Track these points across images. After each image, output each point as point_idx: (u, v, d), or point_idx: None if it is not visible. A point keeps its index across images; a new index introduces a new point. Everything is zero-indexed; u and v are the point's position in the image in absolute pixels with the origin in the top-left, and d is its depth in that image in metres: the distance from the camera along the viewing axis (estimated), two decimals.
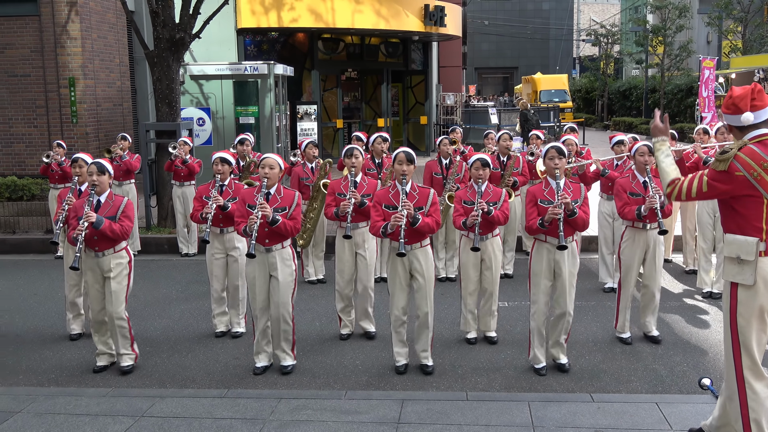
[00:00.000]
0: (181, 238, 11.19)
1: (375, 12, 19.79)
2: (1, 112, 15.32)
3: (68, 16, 14.84)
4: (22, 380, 6.42)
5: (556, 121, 27.64)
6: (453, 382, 6.18)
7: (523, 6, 64.02)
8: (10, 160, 15.39)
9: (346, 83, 23.14)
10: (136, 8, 17.15)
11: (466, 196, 6.82)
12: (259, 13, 18.70)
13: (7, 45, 15.07)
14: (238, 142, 10.19)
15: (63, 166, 10.90)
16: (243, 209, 6.23)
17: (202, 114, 15.96)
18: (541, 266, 6.21)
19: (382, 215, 6.15)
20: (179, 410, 5.40)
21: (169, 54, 12.05)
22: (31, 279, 10.04)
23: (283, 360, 6.44)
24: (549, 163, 6.19)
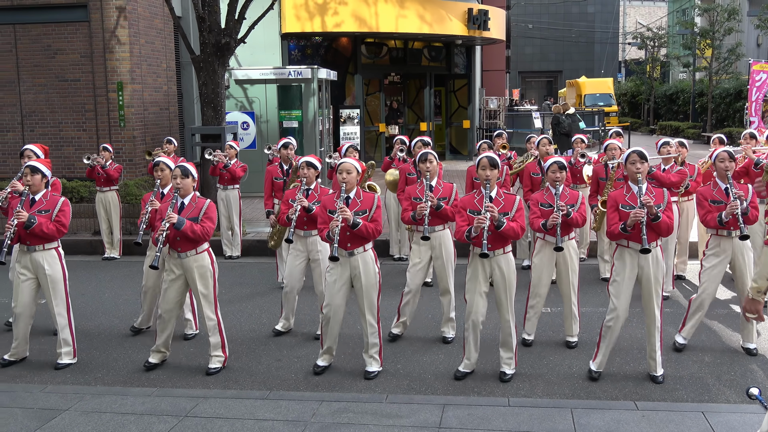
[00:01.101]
0: (225, 240, 11.32)
1: (418, 16, 19.80)
2: (52, 116, 15.67)
3: (117, 21, 15.13)
4: (70, 379, 6.55)
5: (601, 125, 27.33)
6: (495, 387, 6.15)
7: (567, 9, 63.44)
8: (60, 162, 15.72)
9: (389, 87, 23.18)
10: (183, 14, 17.41)
11: (544, 199, 6.84)
12: (303, 18, 18.84)
13: (58, 50, 15.42)
14: (282, 146, 10.25)
15: (107, 169, 11.10)
16: (325, 215, 6.27)
17: (246, 118, 16.15)
18: (624, 272, 6.14)
19: (466, 220, 6.16)
20: (222, 411, 5.46)
21: (215, 59, 12.21)
22: (78, 280, 10.23)
23: (369, 365, 6.46)
24: (631, 167, 6.13)
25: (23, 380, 6.48)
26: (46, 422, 5.31)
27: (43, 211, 6.65)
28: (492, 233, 5.97)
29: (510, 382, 6.23)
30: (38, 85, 15.58)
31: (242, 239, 11.43)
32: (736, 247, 6.73)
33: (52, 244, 6.76)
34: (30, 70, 15.56)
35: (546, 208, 6.78)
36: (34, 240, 6.63)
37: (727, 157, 6.74)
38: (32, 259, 6.70)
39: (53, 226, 6.62)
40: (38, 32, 15.42)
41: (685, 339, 7.00)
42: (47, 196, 6.75)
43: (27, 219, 6.47)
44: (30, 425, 5.26)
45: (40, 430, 5.19)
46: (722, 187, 6.73)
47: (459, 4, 21.07)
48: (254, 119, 16.19)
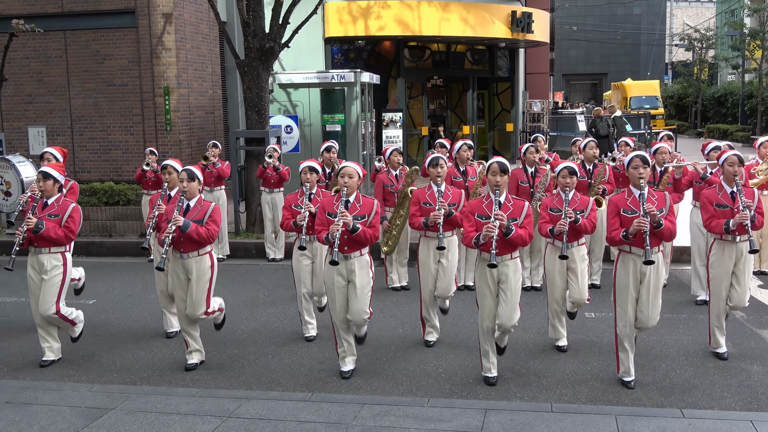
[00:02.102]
0: (268, 243, 11.41)
1: (462, 19, 19.75)
2: (100, 120, 15.98)
3: (164, 27, 15.38)
4: (116, 378, 6.67)
5: (647, 128, 26.93)
6: (537, 392, 6.10)
7: (613, 11, 62.65)
8: (108, 166, 16.03)
9: (432, 90, 23.16)
10: (228, 19, 17.62)
11: (553, 204, 6.77)
12: (346, 21, 18.93)
13: (107, 56, 15.72)
14: (325, 149, 10.33)
15: (157, 173, 11.27)
16: (323, 217, 6.33)
17: (289, 122, 16.26)
18: (627, 278, 6.07)
19: (474, 225, 6.11)
20: (265, 412, 5.50)
21: (259, 63, 12.33)
22: (125, 281, 10.42)
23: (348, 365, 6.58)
24: (633, 172, 6.07)
25: (71, 379, 6.61)
26: (92, 421, 5.41)
27: (53, 216, 6.77)
28: (500, 240, 5.91)
29: (552, 388, 6.17)
30: (87, 90, 15.91)
31: (285, 242, 11.51)
32: (740, 251, 6.58)
33: (59, 248, 6.86)
34: (79, 75, 15.89)
35: (555, 213, 6.72)
36: (41, 243, 6.77)
37: (736, 160, 6.56)
38: (38, 261, 6.84)
39: (61, 232, 6.75)
40: (87, 38, 15.75)
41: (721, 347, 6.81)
42: (59, 201, 6.87)
43: (35, 225, 6.63)
44: (77, 423, 5.37)
45: (87, 428, 5.29)
46: (728, 191, 6.57)
47: (503, 6, 20.97)
48: (297, 123, 16.29)
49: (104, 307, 9.03)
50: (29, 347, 7.50)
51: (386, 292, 9.29)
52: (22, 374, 6.78)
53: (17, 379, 6.59)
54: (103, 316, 8.66)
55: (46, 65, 16.03)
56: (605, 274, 9.52)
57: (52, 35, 15.60)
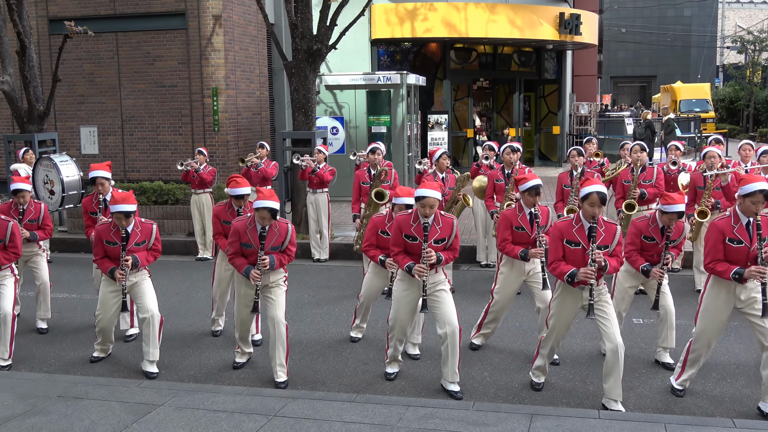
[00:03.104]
0: (313, 243, 11.47)
1: (509, 21, 19.63)
2: (150, 121, 16.23)
3: (213, 29, 15.56)
4: (164, 375, 6.76)
5: (697, 131, 26.47)
6: (584, 398, 6.03)
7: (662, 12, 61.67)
8: (157, 165, 16.27)
9: (478, 92, 23.06)
10: (276, 21, 17.77)
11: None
12: (393, 23, 18.95)
13: (157, 57, 15.97)
14: (370, 151, 10.35)
15: (200, 173, 11.41)
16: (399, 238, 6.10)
17: (335, 123, 16.34)
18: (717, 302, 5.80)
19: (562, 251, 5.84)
20: (310, 412, 5.52)
21: (307, 65, 12.41)
22: (173, 279, 10.56)
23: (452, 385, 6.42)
24: (748, 202, 5.48)
25: (120, 375, 6.73)
26: (141, 416, 5.49)
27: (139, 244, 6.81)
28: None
29: (599, 395, 6.08)
30: (138, 91, 16.17)
31: (330, 242, 11.56)
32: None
33: None
34: (130, 76, 16.17)
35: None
36: None
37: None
38: None
39: (152, 258, 6.93)
40: (139, 40, 16.01)
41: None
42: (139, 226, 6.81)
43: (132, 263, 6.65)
44: (127, 419, 5.45)
45: (136, 423, 5.37)
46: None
47: (550, 8, 20.79)
48: (343, 124, 16.37)
49: None
50: (80, 343, 7.66)
51: None
52: (73, 369, 6.92)
53: (68, 374, 6.73)
54: None
55: (98, 66, 16.34)
56: None
57: (104, 37, 15.89)
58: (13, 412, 5.59)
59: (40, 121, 13.74)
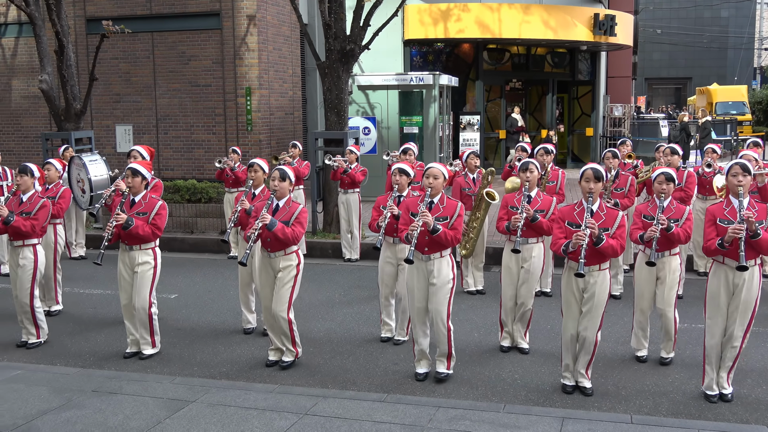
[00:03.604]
0: (344, 243, 11.51)
1: (543, 22, 19.51)
2: (184, 120, 16.40)
3: (247, 29, 15.68)
4: (197, 372, 6.83)
5: (734, 134, 26.09)
6: (616, 403, 5.97)
7: (699, 14, 60.94)
8: (191, 164, 16.44)
9: (510, 94, 22.95)
10: (310, 21, 17.85)
11: (647, 211, 6.61)
12: (426, 24, 18.94)
13: (192, 57, 16.13)
14: (402, 151, 10.37)
15: (236, 171, 11.50)
16: (406, 217, 6.35)
17: (368, 123, 16.37)
18: (719, 289, 5.88)
19: (564, 232, 6.03)
20: (340, 411, 5.54)
21: (340, 65, 12.45)
22: (206, 277, 10.66)
23: (438, 366, 6.50)
24: (732, 180, 5.84)
25: (153, 371, 6.80)
26: (174, 412, 5.55)
27: (141, 213, 6.97)
28: (589, 249, 5.79)
29: (631, 399, 6.03)
30: (172, 90, 16.35)
31: (361, 242, 11.58)
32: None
33: (149, 244, 7.06)
34: (165, 76, 16.35)
35: (648, 220, 6.55)
36: (132, 240, 6.98)
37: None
38: (129, 257, 7.06)
39: (149, 229, 6.94)
40: (174, 40, 16.19)
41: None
42: (146, 198, 7.05)
43: (125, 221, 6.81)
44: (160, 414, 5.52)
45: (169, 419, 5.43)
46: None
47: (585, 9, 20.64)
48: (375, 124, 16.40)
49: (185, 302, 9.25)
50: (114, 338, 7.76)
51: (461, 295, 9.25)
52: (108, 364, 7.02)
53: (103, 369, 6.82)
54: (184, 310, 8.88)
55: (134, 65, 16.55)
56: (689, 284, 9.26)
57: (141, 36, 16.09)
58: (49, 406, 5.69)
59: (76, 120, 13.94)
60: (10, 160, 16.16)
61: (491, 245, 10.68)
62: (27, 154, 17.06)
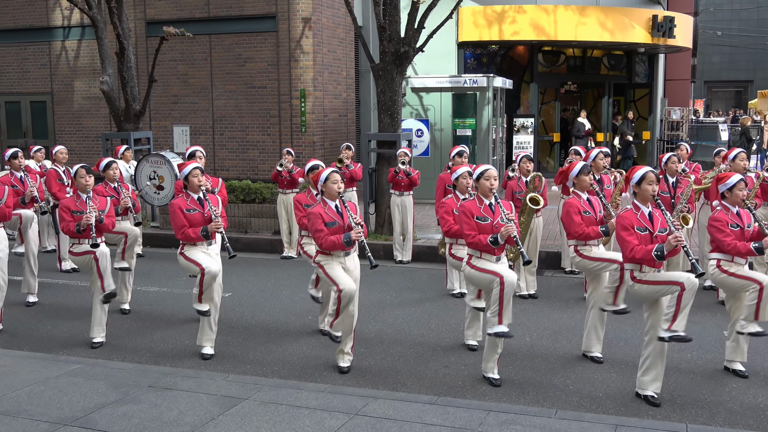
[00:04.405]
0: (396, 245, 11.52)
1: (599, 24, 19.26)
2: (240, 121, 16.63)
3: (302, 31, 15.83)
4: (249, 369, 6.92)
5: None
6: (671, 411, 5.87)
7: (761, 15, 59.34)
8: (245, 165, 16.65)
9: (565, 96, 22.70)
10: (364, 23, 17.94)
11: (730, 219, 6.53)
12: (481, 26, 18.86)
13: (248, 59, 16.35)
14: (456, 154, 10.32)
15: (291, 174, 11.62)
16: (471, 222, 6.39)
17: (420, 125, 16.37)
18: None
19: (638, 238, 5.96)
20: (391, 412, 5.56)
21: (394, 67, 12.48)
22: (259, 276, 10.78)
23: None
24: None
25: (207, 368, 6.91)
26: (227, 409, 5.63)
27: None
28: None
29: (687, 408, 5.92)
30: (229, 92, 16.59)
31: (413, 244, 11.58)
32: None
33: None
34: (222, 78, 16.60)
35: (735, 228, 6.42)
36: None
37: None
38: None
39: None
40: (231, 42, 16.43)
41: None
42: None
43: None
44: (213, 411, 5.61)
45: (222, 416, 5.51)
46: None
47: (643, 10, 20.31)
48: (428, 127, 16.39)
49: (239, 301, 9.38)
50: (170, 335, 7.91)
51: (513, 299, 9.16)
52: (163, 360, 7.15)
53: (158, 365, 6.95)
54: (237, 309, 9.01)
55: (191, 67, 16.84)
56: None
57: (199, 39, 16.36)
58: (107, 400, 5.83)
59: (136, 120, 14.25)
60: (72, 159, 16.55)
61: (544, 249, 10.58)
62: (88, 153, 17.49)
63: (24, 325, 8.42)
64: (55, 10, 17.85)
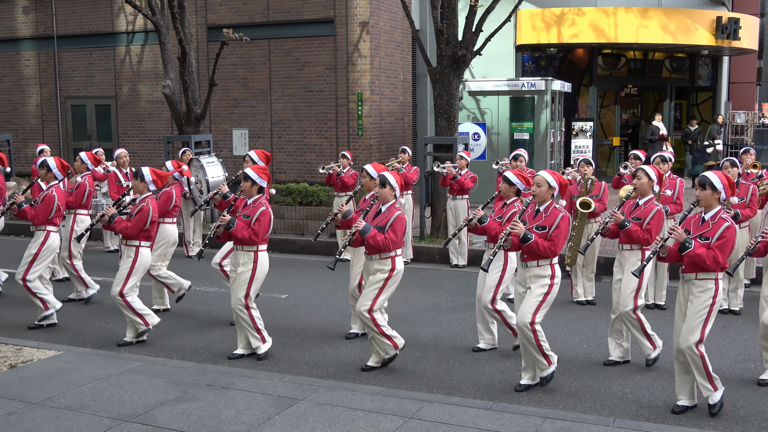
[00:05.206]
0: (452, 249, 11.48)
1: (661, 26, 18.91)
2: (297, 124, 16.80)
3: (360, 36, 15.92)
4: (305, 371, 6.97)
5: None
6: (733, 423, 5.72)
7: None
8: (303, 168, 16.81)
9: (625, 100, 22.34)
10: (421, 27, 17.94)
11: None
12: (539, 28, 18.70)
13: (306, 63, 16.51)
14: (513, 157, 10.27)
15: (342, 176, 11.68)
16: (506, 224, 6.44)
17: (477, 129, 16.29)
18: None
19: None
20: (445, 416, 5.54)
21: (451, 70, 12.46)
22: (315, 278, 10.87)
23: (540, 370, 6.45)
24: None
25: (264, 368, 6.99)
26: (283, 409, 5.69)
27: (246, 216, 7.12)
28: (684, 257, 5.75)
29: (751, 420, 5.76)
30: (287, 95, 16.78)
31: (468, 248, 11.53)
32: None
33: (251, 248, 7.16)
34: (281, 81, 16.80)
35: None
36: (236, 241, 7.17)
37: None
38: (235, 256, 7.26)
39: (247, 233, 7.04)
40: (289, 46, 16.62)
41: None
42: (255, 203, 7.18)
43: (227, 222, 7.01)
44: (270, 410, 5.67)
45: (278, 416, 5.57)
46: None
47: (707, 12, 19.87)
48: (485, 130, 16.30)
49: (295, 302, 9.47)
50: (228, 335, 8.02)
51: (570, 305, 9.07)
52: (221, 360, 7.26)
53: (217, 364, 7.06)
54: (293, 310, 9.09)
55: (251, 71, 17.08)
56: None
57: (258, 43, 16.59)
58: (166, 397, 5.94)
59: (196, 123, 14.51)
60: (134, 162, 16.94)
61: (603, 255, 10.43)
62: (149, 156, 17.88)
63: (87, 322, 8.65)
64: (120, 16, 18.30)
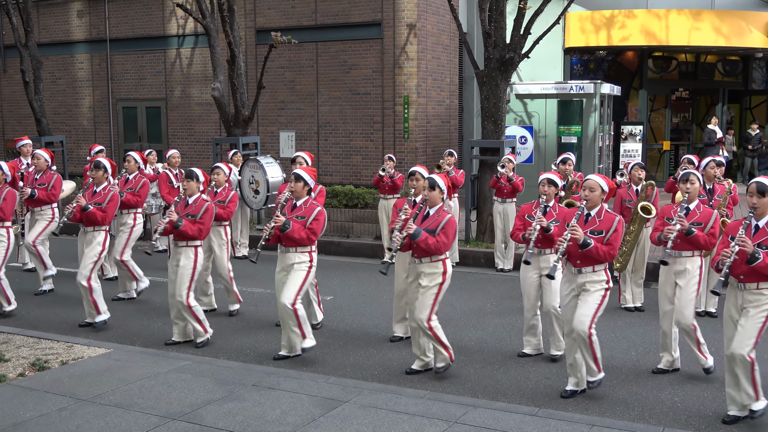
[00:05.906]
0: (498, 253, 11.41)
1: (714, 28, 18.54)
2: (344, 127, 16.86)
3: (407, 38, 15.92)
4: (350, 373, 6.99)
5: None
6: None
7: None
8: (348, 170, 16.87)
9: (676, 103, 21.96)
10: (469, 29, 17.88)
11: None
12: (588, 31, 18.48)
13: (353, 66, 16.57)
14: (561, 161, 10.17)
15: (393, 179, 11.69)
16: (563, 229, 6.26)
17: (524, 132, 16.17)
18: None
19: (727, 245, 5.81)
20: (490, 422, 5.50)
21: (498, 73, 12.39)
22: (360, 281, 10.89)
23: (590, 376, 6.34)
24: None
25: (309, 369, 7.02)
26: (328, 411, 5.71)
27: (300, 217, 7.17)
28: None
29: None
30: (333, 98, 16.86)
31: (515, 252, 11.44)
32: None
33: (305, 248, 7.21)
34: (327, 84, 16.89)
35: None
36: (288, 242, 7.16)
37: None
38: (285, 258, 7.25)
39: (305, 233, 7.10)
40: (337, 49, 16.70)
41: None
42: (307, 203, 7.27)
43: (282, 224, 7.02)
44: (314, 412, 5.69)
45: (323, 417, 5.59)
46: None
47: (761, 14, 19.42)
48: (532, 134, 16.17)
49: (340, 304, 9.50)
50: (273, 336, 8.07)
51: (618, 311, 8.94)
52: (267, 360, 7.32)
53: (262, 365, 7.11)
54: (338, 312, 9.12)
55: (298, 74, 17.21)
56: None
57: (305, 46, 16.71)
58: (213, 396, 6.01)
59: (244, 126, 14.66)
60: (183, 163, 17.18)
61: (652, 261, 10.25)
62: (198, 158, 18.13)
63: (136, 321, 8.79)
64: (171, 20, 18.60)
